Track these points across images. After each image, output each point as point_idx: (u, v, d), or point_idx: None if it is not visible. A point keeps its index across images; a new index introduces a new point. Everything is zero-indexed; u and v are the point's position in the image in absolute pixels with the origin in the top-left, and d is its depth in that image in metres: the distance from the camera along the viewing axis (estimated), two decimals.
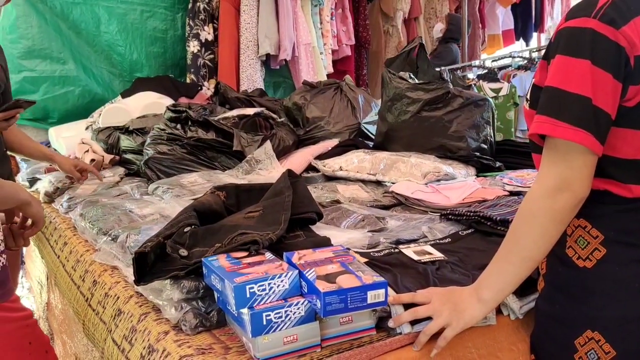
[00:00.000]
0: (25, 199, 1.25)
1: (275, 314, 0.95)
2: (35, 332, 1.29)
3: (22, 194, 1.25)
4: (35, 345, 1.27)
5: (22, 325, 1.24)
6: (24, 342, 1.24)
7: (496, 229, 1.37)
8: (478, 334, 1.08)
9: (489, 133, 2.13)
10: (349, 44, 4.52)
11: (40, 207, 1.30)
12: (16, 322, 1.23)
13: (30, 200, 1.26)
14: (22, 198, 1.24)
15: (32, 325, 1.28)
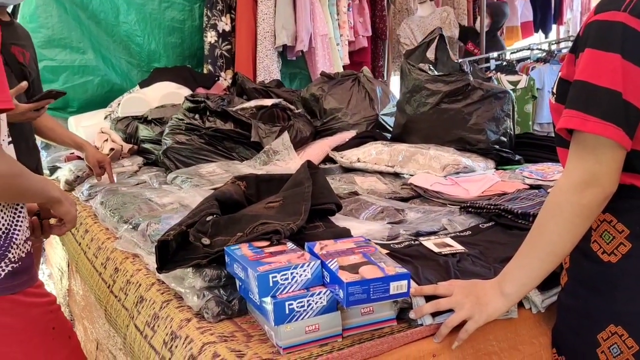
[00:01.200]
0: (54, 196, 1.24)
1: (298, 303, 0.96)
2: (59, 318, 1.31)
3: (52, 191, 1.24)
4: (58, 331, 1.29)
5: (47, 310, 1.26)
6: (48, 327, 1.26)
7: (517, 222, 1.36)
8: (499, 327, 1.08)
9: (509, 126, 2.11)
10: (365, 35, 4.50)
11: (72, 207, 1.29)
12: (41, 307, 1.24)
13: (60, 198, 1.25)
14: (51, 195, 1.23)
15: (56, 310, 1.30)
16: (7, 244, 1.17)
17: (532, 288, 1.04)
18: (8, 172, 1.07)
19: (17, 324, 1.19)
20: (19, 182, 1.12)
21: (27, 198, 1.22)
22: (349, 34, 4.26)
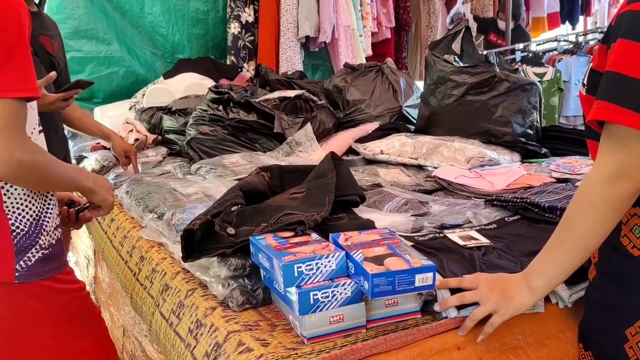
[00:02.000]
0: (86, 186, 1.26)
1: (322, 294, 0.96)
2: (88, 304, 1.33)
3: (84, 181, 1.26)
4: (87, 317, 1.31)
5: (76, 297, 1.29)
6: (77, 313, 1.28)
7: (544, 216, 1.34)
8: (525, 321, 1.07)
9: (536, 118, 2.08)
10: (388, 27, 4.47)
11: (108, 194, 1.31)
12: (70, 293, 1.27)
13: (93, 188, 1.27)
14: (83, 184, 1.25)
15: (85, 297, 1.32)
16: (38, 231, 1.19)
17: (559, 282, 1.02)
18: (32, 160, 1.09)
19: (46, 309, 1.21)
20: (46, 170, 1.13)
21: (56, 187, 1.24)
22: (372, 25, 4.23)
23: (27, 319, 1.19)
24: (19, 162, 1.05)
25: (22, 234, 1.17)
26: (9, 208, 1.15)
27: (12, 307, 1.17)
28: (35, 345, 1.21)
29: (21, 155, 1.05)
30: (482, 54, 2.16)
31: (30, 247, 1.17)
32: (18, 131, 1.06)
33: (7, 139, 1.04)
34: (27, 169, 1.08)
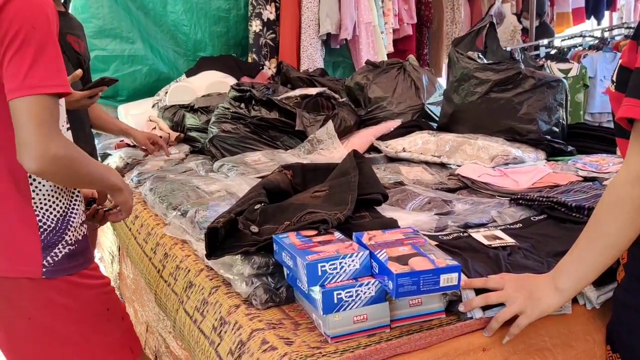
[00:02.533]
0: (115, 183, 1.28)
1: (346, 293, 0.96)
2: (113, 299, 1.35)
3: (113, 178, 1.28)
4: (112, 312, 1.33)
5: (101, 292, 1.31)
6: (102, 309, 1.30)
7: (571, 216, 1.32)
8: (552, 323, 1.05)
9: (562, 115, 2.04)
10: (410, 23, 4.43)
11: (130, 196, 1.33)
12: (96, 289, 1.29)
13: (121, 187, 1.29)
14: (112, 182, 1.27)
15: (110, 292, 1.34)
16: (65, 227, 1.21)
17: (587, 284, 1.01)
18: (66, 155, 1.10)
19: (72, 304, 1.23)
20: (79, 166, 1.15)
21: (86, 183, 1.26)
22: (393, 22, 4.20)
23: (53, 313, 1.21)
24: (54, 157, 1.07)
25: (49, 229, 1.19)
26: (37, 204, 1.18)
27: (38, 302, 1.20)
28: (61, 339, 1.23)
29: (56, 150, 1.07)
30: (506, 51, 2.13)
31: (57, 242, 1.20)
32: (52, 126, 1.08)
33: (42, 135, 1.05)
34: (61, 164, 1.09)
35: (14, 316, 1.20)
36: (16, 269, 1.17)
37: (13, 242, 1.17)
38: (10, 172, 1.15)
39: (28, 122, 1.05)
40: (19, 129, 1.06)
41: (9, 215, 1.17)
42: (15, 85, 1.06)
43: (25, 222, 1.17)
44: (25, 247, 1.17)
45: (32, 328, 1.21)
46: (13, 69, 1.06)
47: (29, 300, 1.20)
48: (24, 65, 1.06)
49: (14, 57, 1.06)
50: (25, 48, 1.06)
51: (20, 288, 1.18)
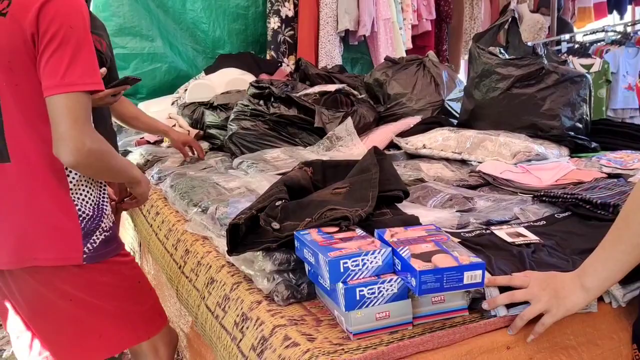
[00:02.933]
0: (135, 176, 1.36)
1: (369, 290, 0.95)
2: (141, 273, 1.47)
3: (134, 171, 1.36)
4: (142, 284, 1.45)
5: (132, 267, 1.42)
6: (135, 282, 1.41)
7: (596, 213, 1.30)
8: (577, 321, 1.04)
9: (585, 111, 2.01)
10: (429, 19, 4.40)
11: (148, 188, 1.42)
12: (127, 264, 1.40)
13: (140, 180, 1.37)
14: (134, 175, 1.35)
15: (138, 267, 1.46)
16: (100, 214, 1.29)
17: (614, 282, 0.99)
18: (99, 149, 1.17)
19: (113, 281, 1.34)
20: (109, 159, 1.22)
21: (113, 176, 1.33)
22: (412, 18, 4.18)
23: (95, 293, 1.30)
24: (89, 151, 1.14)
25: (88, 218, 1.27)
26: (74, 195, 1.25)
27: (79, 284, 1.28)
28: (102, 315, 1.33)
29: (91, 144, 1.14)
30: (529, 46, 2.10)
31: (95, 230, 1.28)
32: (87, 122, 1.16)
33: (79, 130, 1.12)
34: (95, 157, 1.16)
35: (56, 299, 1.27)
36: (60, 258, 1.24)
37: (56, 231, 1.24)
38: (51, 165, 1.21)
39: (66, 118, 1.11)
40: (57, 124, 1.12)
41: (52, 206, 1.23)
42: (54, 83, 1.11)
43: (66, 211, 1.24)
44: (68, 235, 1.24)
45: (74, 309, 1.29)
46: (52, 66, 1.11)
47: (71, 284, 1.27)
48: (63, 63, 1.11)
49: (52, 55, 1.11)
50: (64, 47, 1.11)
51: (62, 274, 1.25)
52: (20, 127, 1.18)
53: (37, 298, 1.27)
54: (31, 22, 1.11)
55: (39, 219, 1.22)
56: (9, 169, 1.20)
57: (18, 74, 1.15)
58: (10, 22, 1.13)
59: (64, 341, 1.34)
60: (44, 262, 1.23)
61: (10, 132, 1.19)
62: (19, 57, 1.14)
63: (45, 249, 1.23)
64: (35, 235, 1.22)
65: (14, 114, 1.18)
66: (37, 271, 1.24)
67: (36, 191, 1.21)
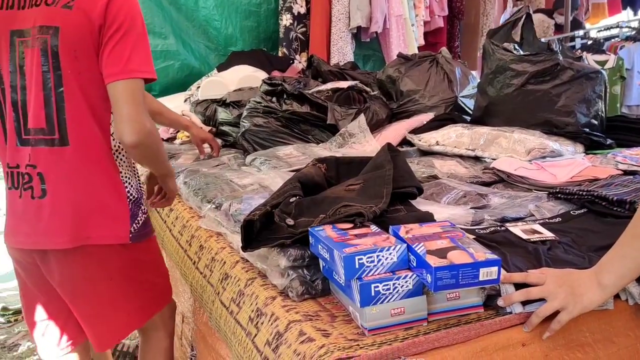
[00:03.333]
0: (172, 170, 1.45)
1: (384, 286, 0.96)
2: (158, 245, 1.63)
3: (171, 167, 1.45)
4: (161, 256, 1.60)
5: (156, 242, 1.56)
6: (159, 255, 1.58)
7: (612, 210, 1.29)
8: (593, 318, 1.03)
9: (601, 108, 1.99)
10: (441, 15, 4.38)
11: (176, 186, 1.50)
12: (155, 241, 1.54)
13: (174, 174, 1.46)
14: (171, 167, 1.45)
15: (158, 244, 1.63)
16: (140, 197, 1.41)
17: (631, 280, 0.98)
18: (155, 131, 1.28)
19: (148, 259, 1.48)
20: (159, 143, 1.33)
21: (161, 162, 1.41)
22: (424, 14, 4.16)
23: (133, 271, 1.41)
24: (149, 131, 1.25)
25: (134, 200, 1.38)
26: (123, 178, 1.36)
27: (127, 260, 1.39)
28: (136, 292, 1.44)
29: (150, 126, 1.25)
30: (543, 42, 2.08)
31: (138, 211, 1.39)
32: (144, 106, 1.26)
33: (140, 112, 1.23)
34: (153, 139, 1.27)
35: (99, 279, 1.36)
36: (111, 236, 1.34)
37: (108, 212, 1.33)
38: (105, 149, 1.32)
39: (128, 102, 1.22)
40: (120, 107, 1.22)
41: (105, 188, 1.33)
42: (117, 70, 1.22)
43: (117, 193, 1.35)
44: (118, 216, 1.35)
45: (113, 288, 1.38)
46: (115, 55, 1.22)
47: (115, 263, 1.37)
48: (125, 52, 1.22)
49: (116, 45, 1.22)
50: (126, 38, 1.22)
51: (109, 252, 1.34)
52: (81, 113, 1.27)
53: (81, 277, 1.34)
54: (100, 15, 1.21)
55: (94, 200, 1.32)
56: (68, 152, 1.28)
57: (82, 62, 1.24)
58: (77, 14, 1.22)
59: (100, 320, 1.42)
60: (97, 241, 1.32)
61: (71, 118, 1.26)
62: (84, 47, 1.23)
63: (98, 228, 1.32)
64: (90, 216, 1.31)
65: (77, 101, 1.26)
66: (87, 250, 1.32)
67: (92, 174, 1.30)
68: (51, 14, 1.22)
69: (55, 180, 1.28)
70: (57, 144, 1.27)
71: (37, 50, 1.23)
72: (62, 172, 1.28)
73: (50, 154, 1.27)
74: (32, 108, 1.26)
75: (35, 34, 1.23)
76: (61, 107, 1.25)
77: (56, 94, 1.24)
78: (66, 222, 1.29)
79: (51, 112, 1.25)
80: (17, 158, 1.29)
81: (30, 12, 1.24)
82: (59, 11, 1.22)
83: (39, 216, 1.29)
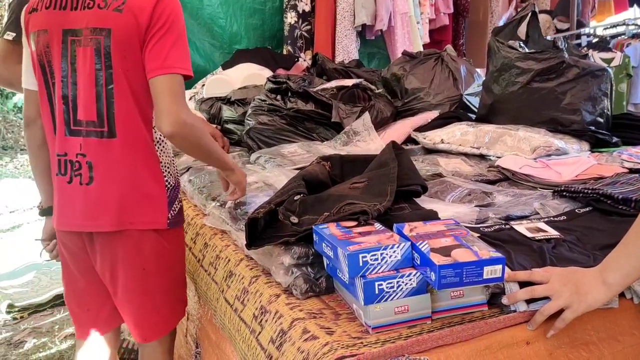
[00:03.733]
0: (227, 163, 1.49)
1: (387, 284, 0.96)
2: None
3: (227, 158, 1.50)
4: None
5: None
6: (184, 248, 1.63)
7: (617, 208, 1.28)
8: (598, 317, 1.03)
9: (606, 106, 1.98)
10: (446, 13, 4.36)
11: (243, 178, 1.52)
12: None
13: (232, 167, 1.49)
14: (227, 161, 1.49)
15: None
16: (177, 186, 1.50)
17: (637, 278, 0.98)
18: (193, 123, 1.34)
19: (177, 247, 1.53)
20: (201, 135, 1.38)
21: (205, 154, 1.46)
22: (429, 12, 4.14)
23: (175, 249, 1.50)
24: (184, 123, 1.31)
25: (171, 188, 1.46)
26: (163, 167, 1.45)
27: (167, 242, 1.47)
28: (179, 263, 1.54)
29: (186, 117, 1.32)
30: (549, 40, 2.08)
31: (175, 199, 1.48)
32: (183, 100, 1.34)
33: (177, 104, 1.31)
34: (188, 130, 1.33)
35: (136, 265, 1.43)
36: (151, 222, 1.43)
37: (149, 198, 1.42)
38: (148, 140, 1.41)
39: (166, 95, 1.31)
40: (159, 100, 1.32)
41: (147, 176, 1.42)
42: (156, 65, 1.31)
43: (158, 181, 1.43)
44: (157, 202, 1.43)
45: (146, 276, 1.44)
46: (155, 52, 1.31)
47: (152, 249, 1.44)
48: (165, 49, 1.31)
49: (157, 43, 1.31)
50: (167, 36, 1.32)
51: (147, 238, 1.43)
52: (128, 108, 1.37)
53: (120, 260, 1.42)
54: (147, 17, 1.31)
55: (137, 187, 1.41)
56: (115, 144, 1.38)
57: (130, 60, 1.34)
58: (127, 16, 1.32)
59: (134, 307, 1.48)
60: (138, 226, 1.41)
61: (119, 112, 1.36)
62: (132, 46, 1.33)
63: (140, 213, 1.41)
64: (132, 202, 1.40)
65: (125, 97, 1.36)
66: (127, 234, 1.41)
67: (135, 163, 1.40)
68: (104, 17, 1.33)
69: (103, 169, 1.39)
70: (105, 136, 1.38)
71: (91, 50, 1.34)
72: (109, 161, 1.39)
73: (99, 145, 1.38)
74: (83, 102, 1.37)
75: (87, 34, 1.34)
76: (111, 102, 1.36)
77: (107, 90, 1.35)
78: (110, 207, 1.39)
79: (101, 107, 1.36)
80: (66, 147, 1.40)
81: (82, 13, 1.34)
82: (111, 14, 1.32)
83: (86, 201, 1.40)
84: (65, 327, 2.84)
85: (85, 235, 1.43)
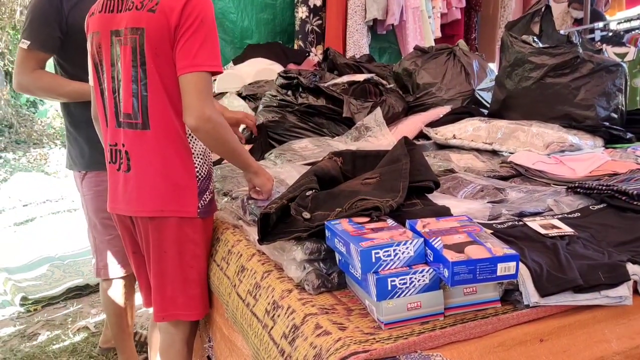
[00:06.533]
0: (252, 164, 1.52)
1: (400, 280, 0.96)
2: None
3: (251, 161, 1.53)
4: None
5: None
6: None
7: (632, 204, 1.27)
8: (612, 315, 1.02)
9: (621, 101, 1.96)
10: (458, 7, 4.33)
11: (268, 181, 1.52)
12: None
13: (257, 170, 1.52)
14: (250, 163, 1.52)
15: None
16: (209, 177, 1.55)
17: None
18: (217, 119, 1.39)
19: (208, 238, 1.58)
20: (224, 131, 1.42)
21: (228, 152, 1.51)
22: (441, 6, 4.11)
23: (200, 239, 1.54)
24: (208, 118, 1.37)
25: (202, 178, 1.51)
26: (195, 158, 1.50)
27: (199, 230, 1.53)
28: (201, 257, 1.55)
29: (210, 113, 1.38)
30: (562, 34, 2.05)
31: (206, 189, 1.52)
32: (209, 96, 1.40)
33: (203, 101, 1.37)
34: (211, 126, 1.39)
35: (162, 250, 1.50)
36: (181, 210, 1.48)
37: (180, 188, 1.48)
38: (180, 133, 1.47)
39: (193, 91, 1.37)
40: (185, 96, 1.39)
41: (179, 167, 1.48)
42: (186, 63, 1.37)
43: (189, 171, 1.49)
44: (188, 191, 1.49)
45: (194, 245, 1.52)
46: (185, 50, 1.37)
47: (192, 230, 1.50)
48: (194, 48, 1.37)
49: (187, 41, 1.37)
50: (196, 35, 1.37)
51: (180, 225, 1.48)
52: (161, 102, 1.44)
53: (153, 243, 1.51)
54: (177, 16, 1.37)
55: (168, 176, 1.47)
56: (149, 135, 1.46)
57: (161, 58, 1.41)
58: (159, 16, 1.39)
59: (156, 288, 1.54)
60: (169, 213, 1.48)
61: (153, 106, 1.45)
62: (163, 45, 1.40)
63: (171, 202, 1.48)
64: (164, 190, 1.48)
65: (158, 91, 1.44)
66: (159, 220, 1.48)
67: (169, 154, 1.47)
68: (139, 17, 1.42)
69: (137, 158, 1.48)
70: (139, 128, 1.47)
71: (129, 48, 1.43)
72: (143, 151, 1.48)
73: (134, 136, 1.48)
74: (124, 97, 1.47)
75: (127, 34, 1.44)
76: (144, 96, 1.45)
77: (141, 85, 1.44)
78: (145, 194, 1.49)
79: (137, 101, 1.46)
80: (116, 137, 1.52)
81: (124, 15, 1.45)
82: (145, 14, 1.41)
83: (127, 187, 1.51)
84: (79, 320, 2.87)
85: (130, 217, 1.55)
